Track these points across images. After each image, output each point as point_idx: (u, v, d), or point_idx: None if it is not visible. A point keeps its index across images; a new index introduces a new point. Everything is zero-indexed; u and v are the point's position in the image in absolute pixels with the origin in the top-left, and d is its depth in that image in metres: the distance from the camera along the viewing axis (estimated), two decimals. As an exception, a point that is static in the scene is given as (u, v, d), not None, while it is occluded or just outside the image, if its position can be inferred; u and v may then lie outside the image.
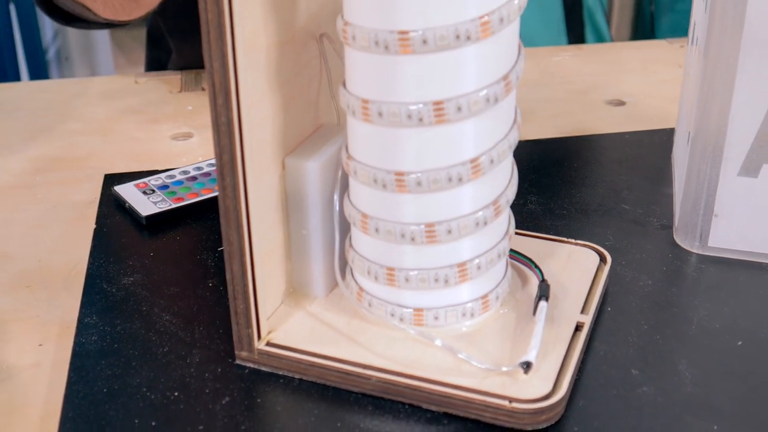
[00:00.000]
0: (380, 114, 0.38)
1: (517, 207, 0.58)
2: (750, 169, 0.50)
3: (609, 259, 0.50)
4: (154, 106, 0.79)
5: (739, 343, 0.45)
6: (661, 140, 0.69)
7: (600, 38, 1.55)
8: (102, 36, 2.15)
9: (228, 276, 0.42)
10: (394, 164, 0.39)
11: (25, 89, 0.92)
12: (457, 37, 0.36)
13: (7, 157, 0.70)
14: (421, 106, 0.37)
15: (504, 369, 0.40)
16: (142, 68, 1.11)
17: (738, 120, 0.49)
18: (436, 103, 0.37)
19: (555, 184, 0.62)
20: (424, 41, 0.36)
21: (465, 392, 0.39)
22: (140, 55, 1.16)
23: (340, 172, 0.44)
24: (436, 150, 0.39)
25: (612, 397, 0.41)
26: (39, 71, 2.06)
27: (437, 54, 0.36)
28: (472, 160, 0.39)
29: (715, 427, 0.39)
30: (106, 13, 0.73)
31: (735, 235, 0.52)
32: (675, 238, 0.54)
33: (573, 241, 0.51)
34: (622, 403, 0.41)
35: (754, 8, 0.46)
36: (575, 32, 1.78)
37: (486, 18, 0.36)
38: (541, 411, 0.39)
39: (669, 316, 0.47)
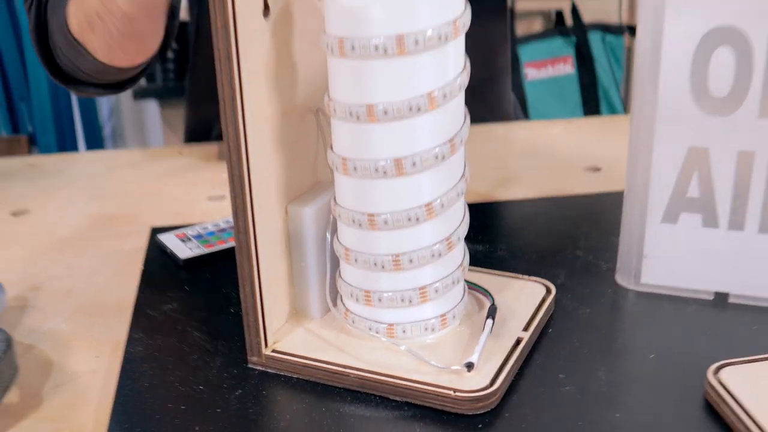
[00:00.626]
0: (355, 169, 0.50)
1: (488, 252, 0.70)
2: (670, 217, 0.61)
3: (554, 290, 0.61)
4: (194, 172, 0.93)
5: (651, 356, 0.56)
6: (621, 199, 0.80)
7: (613, 111, 1.67)
8: (153, 114, 2.33)
9: (242, 296, 0.54)
10: (368, 208, 0.52)
11: (85, 158, 1.06)
12: (410, 108, 0.48)
13: (71, 214, 0.84)
14: (385, 162, 0.50)
15: (453, 368, 0.52)
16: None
17: (658, 177, 0.60)
18: (397, 159, 0.50)
19: (526, 236, 0.74)
20: (385, 112, 0.48)
21: (421, 385, 0.51)
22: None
23: (331, 217, 0.56)
24: (399, 196, 0.51)
25: (540, 393, 0.52)
26: (96, 146, 2.25)
27: (396, 122, 0.49)
28: (427, 205, 0.51)
29: (617, 415, 0.50)
30: (108, 57, 0.79)
31: (662, 273, 0.63)
32: (616, 277, 0.65)
33: (527, 277, 0.63)
34: (548, 397, 0.52)
35: (665, 85, 0.58)
36: (590, 107, 1.91)
37: (433, 94, 0.49)
38: (478, 399, 0.50)
39: (599, 336, 0.58)
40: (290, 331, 0.57)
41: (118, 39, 0.77)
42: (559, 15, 2.33)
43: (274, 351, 0.55)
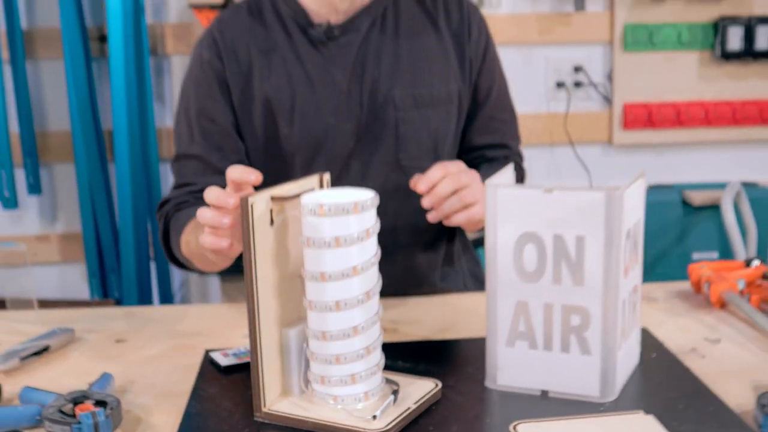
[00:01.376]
0: (315, 306, 0.93)
1: (410, 366, 1.10)
2: (510, 343, 1.01)
3: (440, 384, 1.01)
4: (237, 320, 1.36)
5: (505, 425, 0.95)
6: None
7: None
8: (215, 287, 2.81)
9: (252, 380, 0.95)
10: (322, 328, 0.93)
11: (160, 310, 1.51)
12: (343, 275, 0.91)
13: (154, 345, 1.27)
14: (332, 303, 0.92)
15: (366, 418, 0.92)
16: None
17: (502, 318, 1.01)
18: (337, 301, 0.92)
19: (428, 354, 1.14)
20: (330, 276, 0.91)
21: (349, 427, 0.91)
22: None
23: (305, 334, 0.98)
24: (340, 322, 0.93)
25: (415, 434, 0.92)
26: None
27: (336, 281, 0.92)
28: (354, 327, 0.93)
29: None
30: (206, 270, 1.31)
31: (509, 378, 1.02)
32: (485, 382, 1.05)
33: (421, 377, 1.03)
34: (419, 437, 0.91)
35: (501, 265, 1.00)
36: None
37: (357, 267, 0.91)
38: (377, 433, 0.90)
39: (465, 413, 0.97)
40: (279, 401, 0.98)
41: (211, 266, 1.25)
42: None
43: (269, 410, 0.96)
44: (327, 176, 1.04)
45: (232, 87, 1.38)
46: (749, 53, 2.78)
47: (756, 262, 1.42)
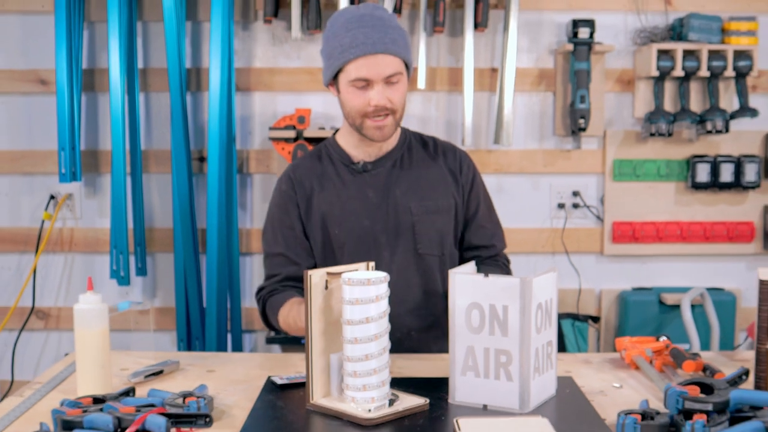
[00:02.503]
0: (353, 341, 1.51)
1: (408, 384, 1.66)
2: (463, 372, 1.57)
3: (428, 401, 1.57)
4: (290, 361, 1.93)
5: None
6: (477, 380, 1.75)
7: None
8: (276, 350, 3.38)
9: (306, 384, 1.53)
10: (349, 353, 1.51)
11: (238, 356, 2.09)
12: (366, 319, 1.49)
13: (233, 373, 1.84)
14: (353, 338, 1.50)
15: (366, 411, 1.48)
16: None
17: (455, 359, 1.57)
18: (357, 338, 1.50)
19: (419, 383, 1.70)
20: (350, 321, 1.50)
21: (354, 414, 1.47)
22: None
23: (344, 358, 1.55)
24: (359, 351, 1.50)
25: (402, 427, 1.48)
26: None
27: (358, 325, 1.50)
28: (367, 354, 1.50)
29: None
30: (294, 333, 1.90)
31: (462, 396, 1.57)
32: (449, 399, 1.60)
33: (413, 394, 1.59)
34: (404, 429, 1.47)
35: (459, 327, 1.57)
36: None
37: (371, 317, 1.50)
38: (371, 419, 1.45)
39: (430, 416, 1.53)
40: (321, 398, 1.55)
41: (297, 332, 1.86)
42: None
43: (314, 403, 1.53)
44: (372, 263, 1.65)
45: (301, 206, 2.00)
46: (715, 184, 3.32)
47: (663, 338, 1.95)
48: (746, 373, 1.62)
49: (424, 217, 1.99)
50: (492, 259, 2.09)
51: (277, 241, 2.01)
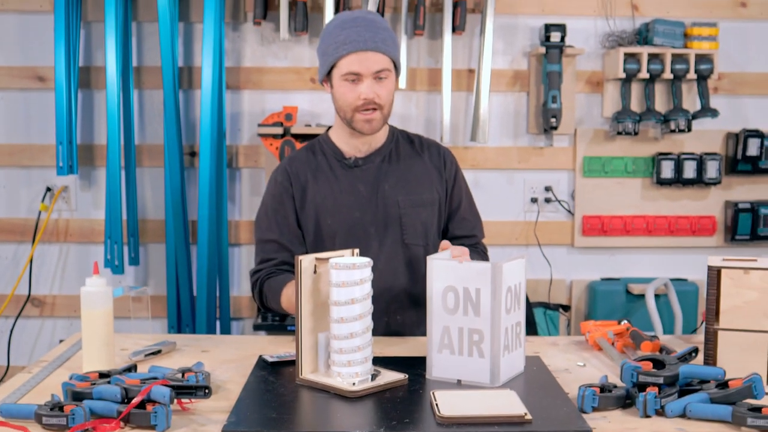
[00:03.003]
0: (339, 320, 1.62)
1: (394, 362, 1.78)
2: (440, 350, 1.69)
3: (407, 376, 1.68)
4: (278, 343, 2.05)
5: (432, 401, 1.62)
6: (452, 358, 1.87)
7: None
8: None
9: (296, 360, 1.64)
10: (335, 332, 1.62)
11: (230, 338, 2.19)
12: (351, 300, 1.61)
13: (226, 353, 1.95)
14: (338, 317, 1.61)
15: (350, 384, 1.59)
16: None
17: (435, 336, 1.69)
18: (342, 317, 1.61)
19: (407, 362, 1.82)
20: (337, 303, 1.61)
21: (339, 387, 1.59)
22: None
23: (331, 336, 1.67)
24: (344, 330, 1.62)
25: (386, 398, 1.59)
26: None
27: (343, 306, 1.61)
28: (351, 333, 1.62)
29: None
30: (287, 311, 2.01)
31: (439, 372, 1.69)
32: (426, 375, 1.72)
33: (394, 371, 1.71)
34: (395, 394, 1.59)
35: (436, 309, 1.68)
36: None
37: (356, 299, 1.61)
38: (355, 392, 1.57)
39: (409, 390, 1.65)
40: (309, 374, 1.66)
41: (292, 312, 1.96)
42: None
43: (303, 378, 1.64)
44: (357, 250, 1.76)
45: (295, 197, 2.10)
46: (679, 180, 3.46)
47: (624, 322, 2.07)
48: (695, 350, 1.75)
49: (411, 209, 2.11)
50: (472, 247, 2.21)
51: (271, 229, 2.11)
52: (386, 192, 2.10)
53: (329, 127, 2.20)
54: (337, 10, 3.24)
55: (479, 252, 2.22)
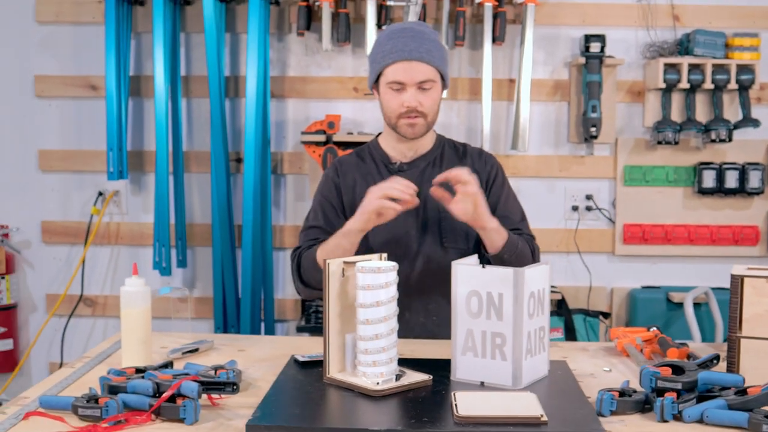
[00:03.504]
0: (365, 322, 1.67)
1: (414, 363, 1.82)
2: (465, 350, 1.72)
3: (431, 377, 1.72)
4: (310, 343, 2.09)
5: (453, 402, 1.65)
6: (478, 361, 1.90)
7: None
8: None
9: (323, 360, 1.69)
10: (361, 333, 1.67)
11: (267, 338, 2.25)
12: (377, 303, 1.65)
13: (261, 352, 2.01)
14: (365, 319, 1.65)
15: (374, 384, 1.63)
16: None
17: (455, 341, 1.72)
18: (368, 319, 1.65)
19: (426, 364, 1.85)
20: (363, 305, 1.65)
21: (363, 386, 1.63)
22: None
23: (357, 337, 1.71)
24: (370, 332, 1.66)
25: (410, 398, 1.63)
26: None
27: (370, 308, 1.65)
28: (377, 334, 1.66)
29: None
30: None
31: (462, 374, 1.72)
32: (450, 377, 1.75)
33: (420, 372, 1.74)
34: (420, 394, 1.62)
35: (460, 306, 1.72)
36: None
37: (381, 301, 1.65)
38: (380, 391, 1.61)
39: (432, 390, 1.68)
40: (336, 373, 1.71)
41: (341, 253, 1.97)
42: (557, 302, 3.43)
43: (331, 377, 1.69)
44: (385, 255, 1.81)
45: (344, 195, 2.18)
46: (720, 190, 3.43)
47: (653, 329, 2.08)
48: (717, 357, 1.74)
49: (451, 214, 2.15)
50: (516, 231, 2.20)
51: (317, 218, 2.19)
52: (428, 196, 2.14)
53: (379, 134, 2.27)
54: (379, 20, 3.30)
55: (524, 239, 2.20)
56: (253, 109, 3.29)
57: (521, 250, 2.08)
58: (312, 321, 3.32)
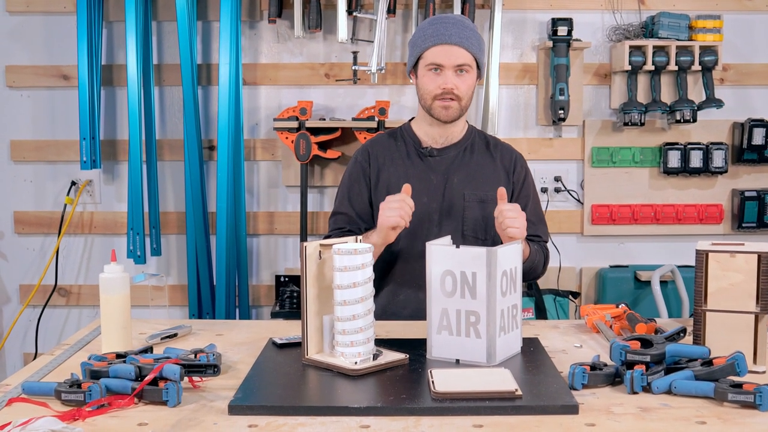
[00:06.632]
0: (342, 303, 1.69)
1: (392, 342, 1.84)
2: (438, 331, 1.75)
3: (407, 356, 1.75)
4: (288, 327, 2.12)
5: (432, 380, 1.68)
6: (453, 340, 1.93)
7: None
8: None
9: (302, 341, 1.71)
10: (338, 314, 1.69)
11: (244, 322, 2.26)
12: (353, 284, 1.67)
13: (239, 335, 2.03)
14: (341, 299, 1.68)
15: (352, 363, 1.66)
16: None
17: (432, 320, 1.75)
18: (346, 300, 1.67)
19: (407, 343, 1.88)
20: (340, 287, 1.67)
21: (342, 366, 1.65)
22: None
23: (335, 318, 1.73)
24: (348, 312, 1.68)
25: (387, 377, 1.66)
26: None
27: (347, 290, 1.68)
28: (353, 315, 1.68)
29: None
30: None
31: (438, 352, 1.75)
32: (426, 355, 1.78)
33: (396, 350, 1.77)
34: (393, 375, 1.65)
35: (437, 291, 1.74)
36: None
37: (358, 282, 1.67)
38: (356, 371, 1.64)
39: (409, 368, 1.71)
40: (315, 354, 1.73)
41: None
42: (527, 284, 3.47)
43: (309, 357, 1.71)
44: (361, 237, 1.83)
45: (371, 176, 2.24)
46: (686, 170, 3.49)
47: (621, 305, 2.12)
48: (683, 330, 1.79)
49: (474, 204, 2.22)
50: (536, 243, 2.28)
51: (344, 203, 2.27)
52: (454, 184, 2.20)
53: (411, 118, 2.34)
54: (350, 7, 3.30)
55: (541, 246, 2.27)
56: (226, 97, 3.29)
57: (536, 264, 2.24)
58: (286, 306, 3.33)
